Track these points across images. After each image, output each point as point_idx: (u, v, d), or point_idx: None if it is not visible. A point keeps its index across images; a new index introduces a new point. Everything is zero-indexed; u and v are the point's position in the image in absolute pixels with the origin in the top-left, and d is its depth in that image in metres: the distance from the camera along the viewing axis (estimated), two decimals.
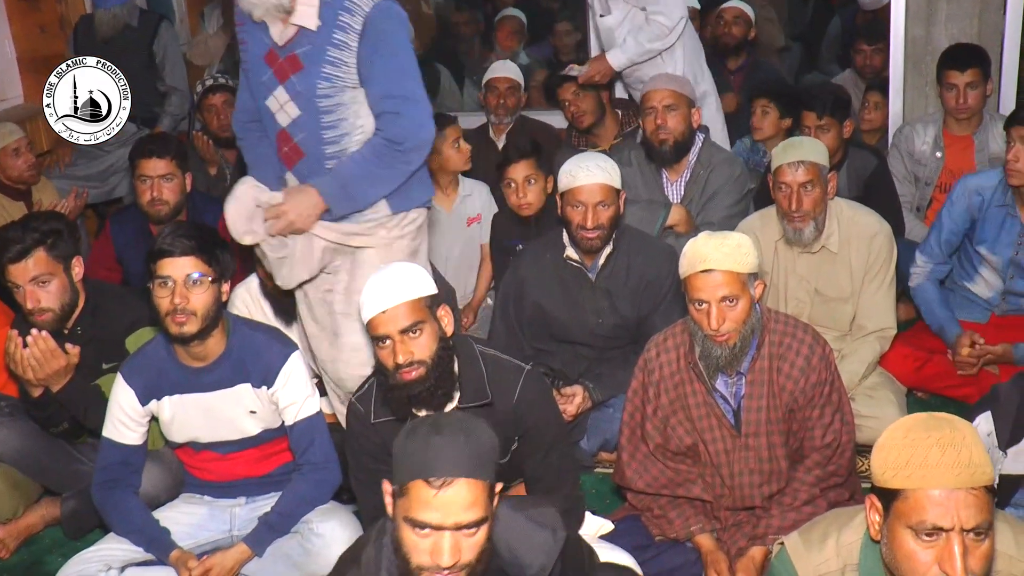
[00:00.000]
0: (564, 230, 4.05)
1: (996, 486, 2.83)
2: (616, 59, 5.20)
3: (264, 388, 3.31)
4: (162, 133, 5.54)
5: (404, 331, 2.86)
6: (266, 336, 3.39)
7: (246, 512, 3.46)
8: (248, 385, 3.31)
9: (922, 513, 2.04)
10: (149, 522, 3.31)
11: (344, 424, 3.39)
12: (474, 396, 3.04)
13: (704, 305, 3.04)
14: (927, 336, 4.43)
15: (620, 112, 5.49)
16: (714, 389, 3.20)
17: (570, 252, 4.05)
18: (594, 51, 6.17)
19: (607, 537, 3.28)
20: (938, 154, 5.05)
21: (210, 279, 3.18)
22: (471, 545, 2.18)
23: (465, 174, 5.16)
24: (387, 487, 2.26)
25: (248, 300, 3.96)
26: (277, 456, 3.50)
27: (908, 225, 5.03)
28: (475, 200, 5.14)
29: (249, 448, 3.44)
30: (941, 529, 2.03)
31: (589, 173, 3.90)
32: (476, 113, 5.97)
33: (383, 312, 2.85)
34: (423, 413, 2.95)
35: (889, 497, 2.10)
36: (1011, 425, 2.88)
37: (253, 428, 3.38)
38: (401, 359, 2.86)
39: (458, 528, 2.15)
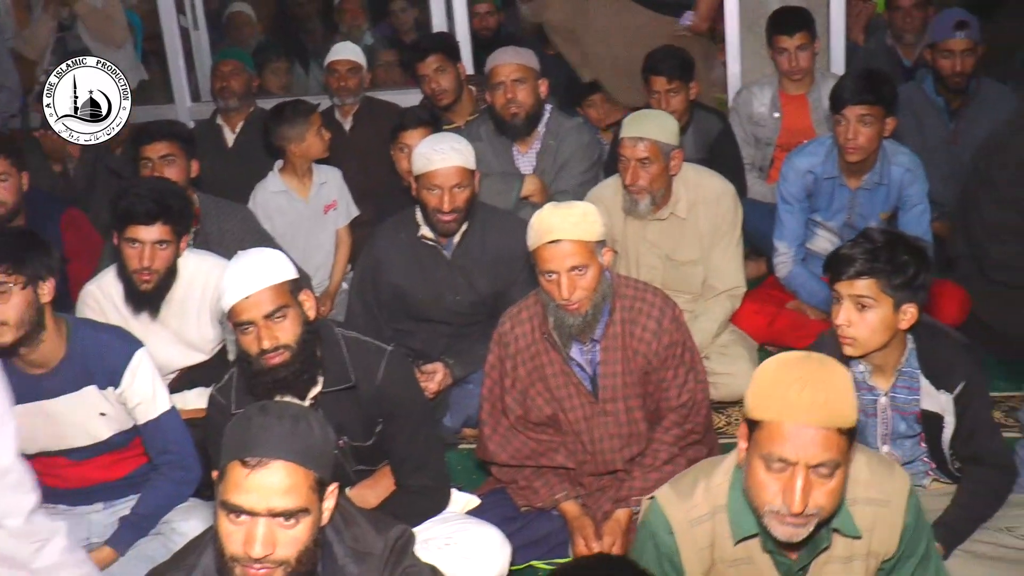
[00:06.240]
0: (418, 209, 4.03)
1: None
2: None
3: (111, 388, 3.22)
4: None
5: (268, 316, 2.84)
6: (109, 335, 3.30)
7: (104, 518, 3.37)
8: (94, 387, 3.22)
9: (772, 444, 2.12)
10: None
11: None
12: (337, 379, 3.03)
13: (554, 275, 3.07)
14: (775, 291, 4.57)
15: (474, 89, 5.48)
16: (570, 358, 3.24)
17: (425, 231, 4.04)
18: (437, 26, 6.17)
19: (474, 512, 3.31)
20: (776, 114, 5.20)
21: (19, 285, 3.07)
22: (289, 539, 2.05)
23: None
24: (215, 475, 2.15)
25: (99, 297, 3.85)
26: (134, 459, 3.41)
27: (750, 185, 5.17)
28: (331, 187, 5.08)
29: (104, 453, 3.35)
30: (787, 461, 2.11)
31: (444, 156, 3.88)
32: (321, 96, 5.91)
33: (247, 298, 2.82)
34: (288, 399, 2.92)
35: (753, 426, 2.18)
36: None
37: (105, 431, 3.29)
38: (266, 344, 2.84)
39: (273, 515, 2.03)
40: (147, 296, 3.73)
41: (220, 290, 2.88)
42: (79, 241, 4.64)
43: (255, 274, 2.84)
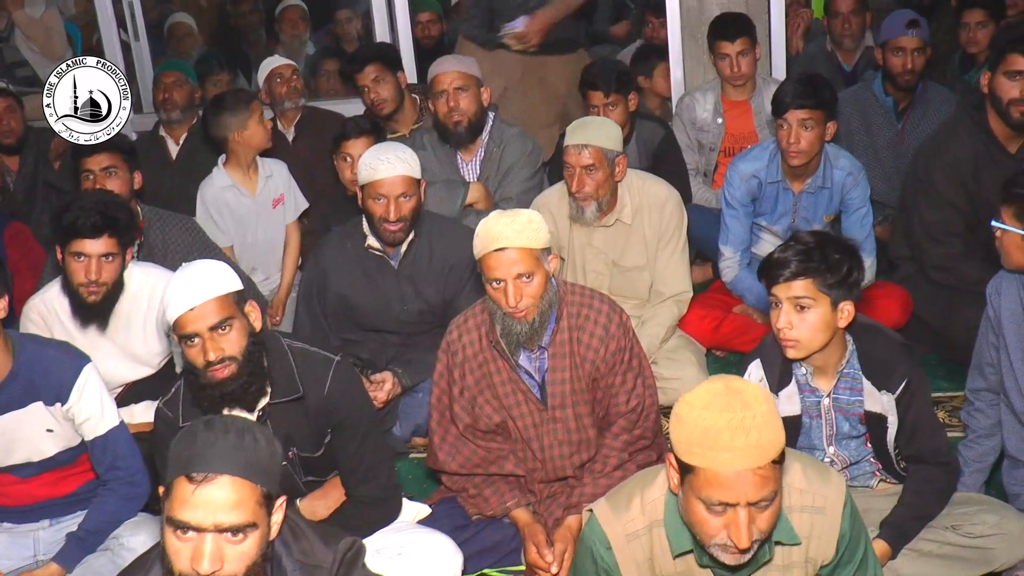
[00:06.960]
0: (364, 219, 4.02)
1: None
2: None
3: (58, 405, 3.19)
4: None
5: (213, 328, 2.82)
6: (56, 351, 3.26)
7: (50, 535, 3.33)
8: (40, 403, 3.18)
9: (710, 490, 2.12)
10: None
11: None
12: (285, 390, 3.01)
13: (501, 283, 3.08)
14: (721, 296, 4.60)
15: (418, 98, 5.49)
16: (518, 365, 3.25)
17: (372, 241, 4.03)
18: (379, 35, 6.16)
19: (425, 521, 3.30)
20: (719, 120, 5.24)
21: None
22: (237, 554, 2.05)
23: None
24: (161, 491, 2.15)
25: (44, 312, 3.81)
26: (80, 475, 3.37)
27: (694, 191, 5.21)
28: (277, 180, 5.05)
29: (50, 470, 3.31)
30: (728, 504, 2.12)
31: (390, 165, 3.87)
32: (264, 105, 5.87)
33: (191, 310, 2.79)
34: (236, 412, 2.91)
35: (684, 467, 2.17)
36: (779, 370, 3.01)
37: (51, 448, 3.25)
38: (212, 356, 2.82)
39: (220, 531, 2.03)
40: (95, 308, 3.69)
41: (164, 302, 2.86)
42: (22, 256, 4.58)
43: (199, 286, 2.81)
